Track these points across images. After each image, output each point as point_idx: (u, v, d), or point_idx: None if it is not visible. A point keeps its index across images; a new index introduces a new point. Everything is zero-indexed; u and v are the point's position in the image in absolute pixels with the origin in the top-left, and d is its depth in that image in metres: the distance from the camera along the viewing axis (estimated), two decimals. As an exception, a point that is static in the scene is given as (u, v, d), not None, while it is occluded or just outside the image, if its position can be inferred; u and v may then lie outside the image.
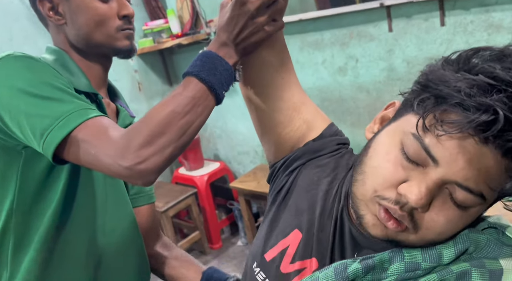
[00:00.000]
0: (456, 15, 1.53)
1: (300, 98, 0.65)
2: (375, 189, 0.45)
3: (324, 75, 2.07)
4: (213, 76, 0.61)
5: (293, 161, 0.63)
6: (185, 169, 2.68)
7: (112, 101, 0.86)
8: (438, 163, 0.41)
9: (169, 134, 0.59)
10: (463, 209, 0.42)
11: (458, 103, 0.38)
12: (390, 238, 0.46)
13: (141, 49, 2.54)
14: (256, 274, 0.58)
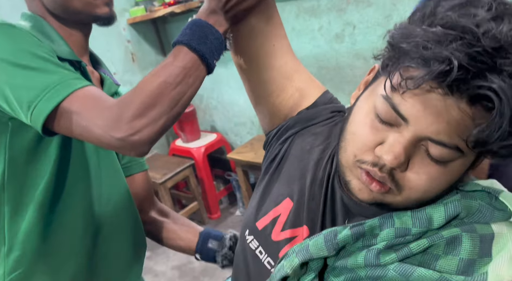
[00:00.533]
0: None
1: (292, 65, 0.63)
2: (355, 154, 0.45)
3: (320, 43, 2.02)
4: (203, 45, 0.60)
5: (286, 130, 0.62)
6: (182, 141, 2.67)
7: (95, 70, 0.84)
8: (408, 121, 0.40)
9: (161, 106, 0.58)
10: (443, 164, 0.42)
11: (417, 58, 0.38)
12: (378, 201, 0.46)
13: (133, 19, 2.47)
14: (249, 242, 0.58)
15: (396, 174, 0.43)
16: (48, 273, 0.75)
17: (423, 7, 0.41)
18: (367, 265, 0.45)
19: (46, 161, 0.71)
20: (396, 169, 0.43)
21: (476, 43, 0.35)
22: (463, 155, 0.41)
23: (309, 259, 0.46)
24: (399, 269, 0.43)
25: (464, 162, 0.43)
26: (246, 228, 0.59)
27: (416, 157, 0.42)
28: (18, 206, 0.71)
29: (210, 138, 2.66)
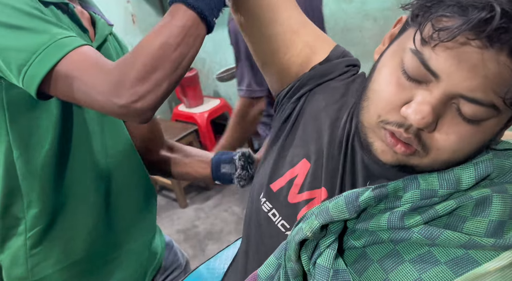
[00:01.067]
0: None
1: (299, 19, 0.59)
2: (379, 114, 0.42)
3: (328, 2, 1.94)
4: (202, 2, 0.56)
5: (300, 87, 0.59)
6: (185, 106, 2.64)
7: (85, 9, 0.78)
8: (439, 77, 0.38)
9: (163, 69, 0.56)
10: (475, 124, 0.39)
11: (453, 5, 0.35)
12: (402, 163, 0.43)
13: (132, -23, 2.37)
14: (262, 204, 0.56)
15: (423, 134, 0.40)
16: (67, 229, 0.75)
17: None
18: (390, 227, 0.43)
19: (48, 117, 0.69)
20: (423, 130, 0.40)
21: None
22: (498, 114, 0.38)
23: (330, 221, 0.44)
24: (424, 231, 0.41)
25: (498, 121, 0.40)
26: (260, 190, 0.57)
27: (446, 116, 0.39)
28: (28, 165, 0.70)
29: (213, 104, 2.62)
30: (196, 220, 2.36)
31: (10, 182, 0.71)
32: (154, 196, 0.92)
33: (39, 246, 0.74)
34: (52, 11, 0.66)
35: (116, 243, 0.83)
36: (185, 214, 2.44)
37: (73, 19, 0.71)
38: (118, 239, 0.83)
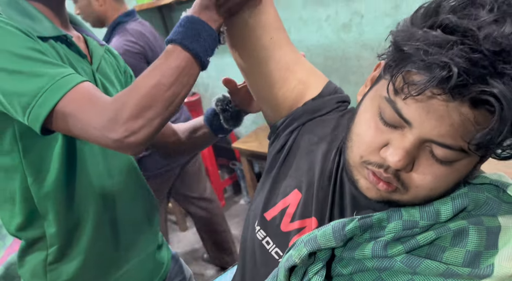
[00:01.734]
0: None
1: (292, 57, 0.63)
2: (361, 155, 0.46)
3: (327, 32, 2.01)
4: (196, 43, 0.60)
5: (293, 120, 0.63)
6: (187, 129, 2.68)
7: (79, 32, 0.84)
8: (411, 124, 0.41)
9: (156, 107, 0.59)
10: (448, 164, 0.42)
11: (418, 63, 0.37)
12: (386, 199, 0.47)
13: (140, 6, 2.46)
14: (257, 232, 0.59)
15: (402, 174, 0.44)
16: (82, 246, 0.79)
17: (427, 4, 0.41)
18: (374, 256, 0.46)
19: (56, 145, 0.73)
20: (401, 170, 0.43)
21: (477, 48, 0.35)
22: (468, 155, 0.41)
23: (317, 249, 0.47)
24: (406, 260, 0.44)
25: (470, 161, 0.43)
26: (255, 218, 0.60)
27: (421, 157, 0.42)
28: (42, 190, 0.74)
29: (215, 127, 2.66)
30: (196, 244, 2.36)
31: (28, 205, 0.75)
32: (156, 209, 0.96)
33: (58, 261, 0.78)
34: (51, 45, 0.70)
35: (123, 256, 0.87)
36: (185, 237, 2.44)
37: (71, 48, 0.75)
38: (125, 253, 0.87)
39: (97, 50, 0.83)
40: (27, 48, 0.63)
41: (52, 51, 0.70)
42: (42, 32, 0.69)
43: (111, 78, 0.86)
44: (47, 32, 0.70)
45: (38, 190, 0.74)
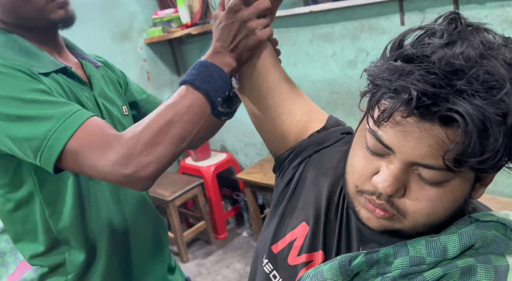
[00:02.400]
0: (470, 9, 1.50)
1: (295, 91, 0.66)
2: (355, 184, 0.48)
3: (333, 68, 2.05)
4: (207, 84, 0.63)
5: (299, 152, 0.64)
6: (192, 159, 2.69)
7: (74, 56, 0.85)
8: (393, 150, 0.43)
9: (167, 144, 0.61)
10: (439, 186, 0.43)
11: (387, 92, 0.41)
12: (388, 228, 0.47)
13: (150, 39, 2.54)
14: (264, 266, 0.58)
15: (396, 201, 0.45)
16: (98, 274, 0.81)
17: (393, 41, 0.45)
18: None
19: (68, 178, 0.75)
20: (393, 197, 0.44)
21: (433, 70, 0.38)
22: (457, 175, 0.42)
23: None
24: None
25: (463, 181, 0.43)
26: (263, 251, 0.60)
27: (411, 182, 0.43)
28: (59, 222, 0.76)
29: (220, 158, 2.67)
30: (197, 276, 2.31)
31: (49, 235, 0.77)
32: (165, 231, 0.98)
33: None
34: (53, 79, 0.72)
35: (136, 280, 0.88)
36: (187, 268, 2.39)
37: (73, 78, 0.77)
38: (138, 278, 0.88)
39: (94, 73, 0.84)
40: (30, 91, 0.64)
41: (56, 85, 0.72)
42: (42, 68, 0.71)
43: (112, 98, 0.87)
44: (47, 67, 0.72)
45: (56, 222, 0.76)
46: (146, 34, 2.59)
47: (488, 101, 0.36)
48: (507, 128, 0.37)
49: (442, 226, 0.47)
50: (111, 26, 2.42)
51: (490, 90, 0.37)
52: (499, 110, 0.37)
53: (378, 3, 1.75)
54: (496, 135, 0.37)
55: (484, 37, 0.41)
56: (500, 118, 0.37)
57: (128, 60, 2.53)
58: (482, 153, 0.38)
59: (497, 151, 0.38)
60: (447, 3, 1.55)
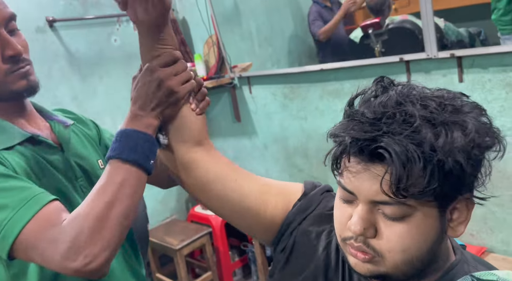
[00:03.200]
0: (474, 72, 1.58)
1: (259, 182, 0.68)
2: (339, 234, 0.52)
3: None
4: (135, 153, 0.62)
5: (288, 224, 0.66)
6: (201, 207, 2.70)
7: (45, 119, 0.83)
8: (354, 194, 0.48)
9: (110, 227, 0.59)
10: (403, 221, 0.46)
11: (337, 142, 0.49)
12: (375, 273, 0.50)
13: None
14: None
15: (370, 242, 0.48)
16: None
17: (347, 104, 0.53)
18: None
19: None
20: (367, 238, 0.48)
21: (363, 120, 0.46)
22: (417, 208, 0.45)
23: None
24: None
25: (425, 215, 0.46)
26: None
27: (379, 222, 0.48)
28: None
29: (229, 207, 2.68)
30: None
31: None
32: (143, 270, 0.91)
33: None
34: (18, 151, 0.71)
35: None
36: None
37: (41, 144, 0.75)
38: None
39: (64, 134, 0.81)
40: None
41: (19, 159, 0.70)
42: (7, 143, 0.70)
43: (86, 154, 0.84)
44: (10, 141, 0.71)
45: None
46: (163, 85, 2.71)
47: (405, 135, 0.43)
48: (429, 156, 0.43)
49: (428, 267, 0.49)
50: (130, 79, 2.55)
51: (406, 127, 0.44)
52: (415, 140, 0.43)
53: (386, 64, 1.85)
54: (417, 162, 0.42)
55: (403, 89, 0.49)
56: (417, 147, 0.43)
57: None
58: (410, 181, 0.43)
59: (429, 180, 0.43)
60: (452, 66, 1.63)
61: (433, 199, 0.45)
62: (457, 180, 0.45)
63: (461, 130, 0.44)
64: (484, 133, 0.46)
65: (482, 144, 0.45)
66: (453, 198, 0.47)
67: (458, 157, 0.43)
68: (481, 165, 0.47)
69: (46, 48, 2.24)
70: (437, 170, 0.43)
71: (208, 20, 2.50)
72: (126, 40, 2.53)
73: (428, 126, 0.44)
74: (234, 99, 2.58)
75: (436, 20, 1.63)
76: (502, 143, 0.47)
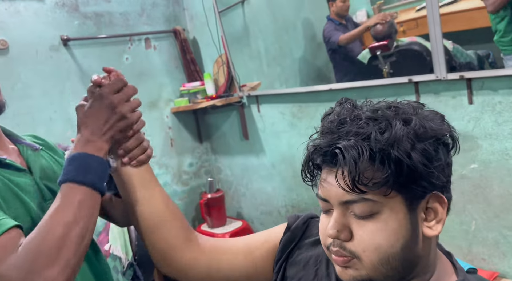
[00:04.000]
0: (484, 94, 1.57)
1: (240, 250, 0.70)
2: (323, 244, 0.55)
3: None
4: (89, 175, 0.65)
5: (277, 261, 0.68)
6: (208, 226, 2.69)
7: (13, 143, 0.84)
8: (326, 199, 0.53)
9: (68, 248, 0.60)
10: (372, 218, 0.49)
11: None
12: (358, 278, 0.51)
13: (177, 108, 2.69)
14: None
15: (347, 245, 0.51)
16: None
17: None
18: None
19: None
20: (343, 241, 0.51)
21: (324, 132, 0.52)
22: (383, 204, 0.49)
23: None
24: None
25: (393, 210, 0.49)
26: None
27: (352, 224, 0.51)
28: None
29: (235, 225, 2.66)
30: None
31: None
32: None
33: None
34: None
35: None
36: None
37: (9, 168, 0.75)
38: None
39: (33, 157, 0.82)
40: None
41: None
42: None
43: (56, 177, 0.77)
44: None
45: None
46: (173, 103, 2.75)
47: (353, 133, 0.49)
48: (375, 148, 0.47)
49: (410, 270, 0.51)
50: (142, 96, 2.55)
51: (355, 127, 0.50)
52: (362, 136, 0.48)
53: (394, 85, 1.85)
54: (364, 155, 0.47)
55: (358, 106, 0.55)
56: (364, 141, 0.48)
57: (155, 127, 2.67)
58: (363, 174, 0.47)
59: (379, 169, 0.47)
60: (461, 88, 1.63)
61: (396, 193, 0.48)
62: (411, 172, 0.47)
63: (403, 124, 0.49)
64: (430, 128, 0.49)
65: (424, 135, 0.48)
66: (419, 195, 0.49)
67: (401, 146, 0.47)
68: (437, 162, 0.49)
69: (60, 66, 2.29)
70: (386, 160, 0.47)
71: (218, 40, 2.55)
72: (137, 59, 2.58)
73: (374, 123, 0.49)
74: (243, 118, 2.60)
75: (444, 43, 1.64)
76: (455, 140, 0.52)
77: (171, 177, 2.77)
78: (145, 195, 0.72)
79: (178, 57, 2.77)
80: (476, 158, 1.63)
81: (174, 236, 0.70)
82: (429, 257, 0.53)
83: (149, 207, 0.71)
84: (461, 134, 0.54)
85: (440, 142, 0.50)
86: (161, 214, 0.71)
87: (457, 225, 1.75)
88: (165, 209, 0.72)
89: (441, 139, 0.50)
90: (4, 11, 2.12)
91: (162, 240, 0.70)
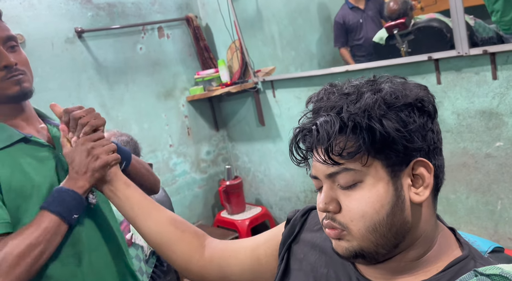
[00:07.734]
0: (509, 69, 1.51)
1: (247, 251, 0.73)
2: (320, 220, 0.56)
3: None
4: (60, 206, 0.77)
5: (278, 254, 0.70)
6: (227, 212, 2.71)
7: (44, 121, 0.95)
8: (316, 176, 0.55)
9: (25, 265, 0.72)
10: (357, 187, 0.51)
11: None
12: (350, 250, 0.53)
13: (192, 96, 2.69)
14: None
15: (337, 217, 0.53)
16: None
17: None
18: None
19: None
20: (333, 214, 0.53)
21: (308, 114, 0.56)
22: (364, 173, 0.50)
23: None
24: None
25: (375, 178, 0.50)
26: None
27: (340, 196, 0.53)
28: None
29: (255, 211, 2.67)
30: None
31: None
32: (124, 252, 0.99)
33: None
34: (6, 153, 0.80)
35: None
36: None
37: (31, 143, 0.85)
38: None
39: (57, 134, 0.92)
40: None
41: (6, 159, 0.80)
42: (5, 142, 0.81)
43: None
44: (2, 142, 0.81)
45: None
46: (188, 92, 2.74)
47: (327, 107, 0.52)
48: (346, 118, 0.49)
49: (401, 237, 0.51)
50: (157, 86, 2.59)
51: (330, 103, 0.52)
52: (335, 110, 0.51)
53: (413, 63, 1.80)
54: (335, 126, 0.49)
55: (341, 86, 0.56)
56: (337, 115, 0.50)
57: (171, 116, 2.68)
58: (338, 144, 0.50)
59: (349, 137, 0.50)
60: (485, 63, 1.57)
61: (374, 160, 0.50)
62: (384, 138, 0.49)
63: (374, 93, 0.51)
64: (402, 95, 0.50)
65: (396, 102, 0.50)
66: (400, 161, 0.50)
67: (372, 113, 0.48)
68: (411, 125, 0.50)
69: (76, 58, 2.31)
70: (358, 129, 0.49)
71: (231, 26, 2.52)
72: (151, 48, 2.58)
73: (347, 96, 0.52)
74: (258, 103, 2.58)
75: (465, 18, 1.57)
76: (429, 106, 0.52)
77: (190, 166, 2.79)
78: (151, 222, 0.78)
79: (191, 45, 2.76)
80: (502, 136, 1.58)
81: (186, 251, 0.75)
82: (421, 224, 0.53)
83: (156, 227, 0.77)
84: (486, 112, 0.53)
85: (414, 107, 0.51)
86: (169, 234, 0.76)
87: (482, 206, 1.71)
88: (174, 230, 0.76)
89: (415, 104, 0.51)
90: (18, 5, 2.13)
91: (174, 255, 0.75)
